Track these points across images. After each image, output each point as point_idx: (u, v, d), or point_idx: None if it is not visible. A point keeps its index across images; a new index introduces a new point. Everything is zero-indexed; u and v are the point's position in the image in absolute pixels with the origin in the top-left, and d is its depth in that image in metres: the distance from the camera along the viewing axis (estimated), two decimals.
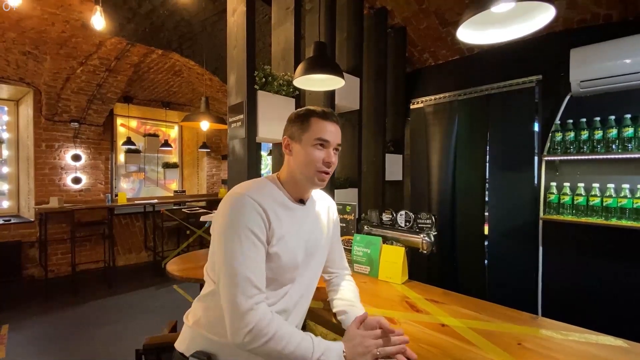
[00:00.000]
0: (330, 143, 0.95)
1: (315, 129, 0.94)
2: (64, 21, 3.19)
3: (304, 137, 0.95)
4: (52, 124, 4.54)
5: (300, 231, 0.97)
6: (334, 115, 0.99)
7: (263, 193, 0.91)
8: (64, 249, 4.61)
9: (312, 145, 0.94)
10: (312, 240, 1.02)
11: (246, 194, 0.88)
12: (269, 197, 0.92)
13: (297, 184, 0.98)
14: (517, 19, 0.92)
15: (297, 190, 0.99)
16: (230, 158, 2.01)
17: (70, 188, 4.80)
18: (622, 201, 2.11)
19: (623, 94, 2.22)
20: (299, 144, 0.96)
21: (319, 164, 0.94)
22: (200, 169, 6.80)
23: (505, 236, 2.77)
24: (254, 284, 0.82)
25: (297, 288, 0.98)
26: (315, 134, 0.94)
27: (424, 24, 3.10)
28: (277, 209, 0.92)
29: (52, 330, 3.08)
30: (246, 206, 0.86)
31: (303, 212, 1.01)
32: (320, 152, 0.94)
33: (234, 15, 1.94)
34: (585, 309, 2.36)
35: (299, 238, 0.97)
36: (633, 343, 0.94)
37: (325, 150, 0.95)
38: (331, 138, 0.95)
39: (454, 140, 3.17)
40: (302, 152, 0.95)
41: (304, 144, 0.95)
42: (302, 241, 0.97)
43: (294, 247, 0.94)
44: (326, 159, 0.94)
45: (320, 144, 0.94)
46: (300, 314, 1.03)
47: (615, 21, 2.34)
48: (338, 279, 1.20)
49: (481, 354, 0.90)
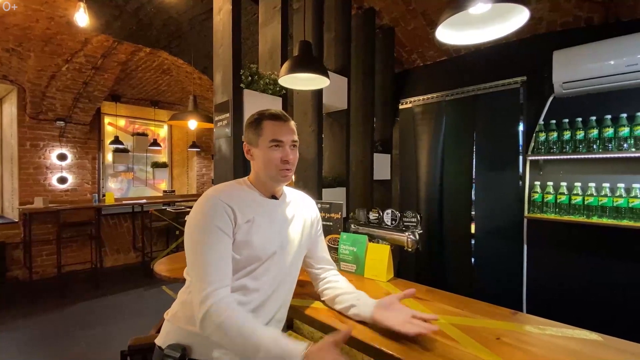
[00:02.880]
0: (285, 142, 1.01)
1: (268, 131, 1.00)
2: (48, 18, 3.13)
3: (259, 141, 1.01)
4: (37, 123, 4.45)
5: (273, 221, 1.04)
6: (285, 114, 1.05)
7: (232, 194, 0.99)
8: (50, 250, 4.52)
9: (269, 148, 1.00)
10: (288, 231, 1.08)
11: (216, 195, 0.95)
12: (237, 197, 0.99)
13: (264, 183, 1.05)
14: (494, 21, 0.94)
15: (266, 188, 1.06)
16: (216, 157, 2.00)
17: (56, 188, 4.71)
18: (603, 200, 2.16)
19: (604, 95, 2.27)
20: (256, 148, 1.02)
21: (278, 164, 1.00)
22: (190, 168, 6.74)
23: (491, 234, 2.82)
24: (215, 271, 0.87)
25: (274, 272, 1.02)
26: (269, 136, 1.00)
27: (411, 25, 3.13)
28: (246, 206, 0.99)
29: (37, 333, 3.02)
30: (215, 206, 0.93)
31: (276, 205, 1.07)
32: (277, 152, 1.00)
33: (220, 13, 1.93)
34: (568, 305, 2.41)
35: (272, 226, 1.03)
36: (608, 337, 0.96)
37: (282, 149, 1.00)
38: (285, 137, 1.01)
39: (441, 140, 3.20)
40: (261, 154, 1.01)
41: (261, 147, 1.01)
42: (275, 229, 1.03)
43: (266, 232, 1.00)
44: (283, 157, 1.00)
45: (276, 144, 1.00)
46: (280, 300, 1.05)
47: (596, 24, 2.40)
48: (328, 273, 1.23)
49: (461, 349, 0.91)
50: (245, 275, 0.97)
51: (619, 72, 2.09)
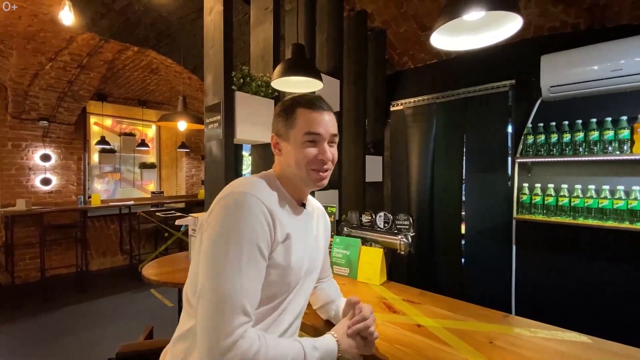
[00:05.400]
0: (323, 136, 0.81)
1: (303, 122, 0.81)
2: (31, 15, 3.04)
3: (291, 133, 0.82)
4: (19, 122, 4.32)
5: (305, 237, 0.87)
6: (324, 102, 0.85)
7: (269, 192, 0.79)
8: (32, 254, 4.39)
9: (302, 143, 0.81)
10: (315, 248, 0.91)
11: (251, 192, 0.74)
12: (274, 197, 0.79)
13: (294, 185, 0.86)
14: (487, 27, 0.95)
15: (296, 191, 0.87)
16: (207, 159, 1.97)
17: (39, 189, 4.58)
18: (588, 201, 2.21)
19: (590, 99, 2.33)
20: (287, 142, 0.83)
21: (312, 164, 0.81)
22: (179, 169, 6.64)
23: (481, 235, 2.85)
24: (245, 311, 0.67)
25: (298, 299, 0.86)
26: (304, 128, 0.81)
27: (403, 28, 3.15)
28: (283, 212, 0.80)
29: (20, 339, 2.92)
30: (252, 209, 0.71)
31: (305, 216, 0.90)
32: (312, 149, 0.81)
33: (211, 14, 1.91)
34: (555, 305, 2.46)
35: (305, 244, 0.86)
36: (596, 339, 0.99)
37: (318, 145, 0.82)
38: (323, 130, 0.81)
39: (432, 141, 3.23)
40: (292, 151, 0.82)
41: (292, 141, 0.82)
42: (307, 248, 0.86)
43: (300, 253, 0.82)
44: (320, 155, 0.81)
45: (311, 139, 0.81)
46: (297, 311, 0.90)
47: (582, 30, 2.45)
48: (325, 283, 1.15)
49: (454, 353, 0.92)
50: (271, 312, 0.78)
51: (604, 77, 2.14)
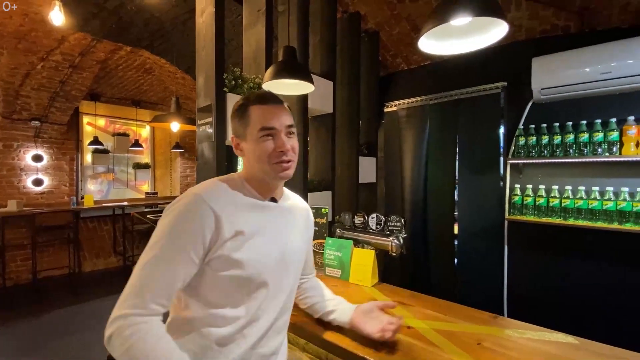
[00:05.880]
0: (277, 129, 0.83)
1: (256, 118, 0.83)
2: (22, 14, 3.01)
3: (247, 132, 0.84)
4: (10, 122, 4.27)
5: (273, 230, 0.87)
6: (274, 96, 0.88)
7: (226, 192, 0.82)
8: (24, 255, 4.34)
9: (259, 139, 0.82)
10: (289, 242, 0.91)
11: (200, 194, 0.78)
12: (231, 197, 0.82)
13: (260, 181, 0.87)
14: (475, 32, 0.96)
15: (264, 187, 0.88)
16: (199, 161, 1.97)
17: (31, 190, 4.53)
18: (579, 202, 2.24)
19: (580, 102, 2.35)
20: (245, 141, 0.85)
21: (273, 157, 0.82)
22: (173, 169, 6.61)
23: (473, 236, 2.87)
24: (143, 298, 0.72)
25: (276, 295, 0.87)
26: (258, 124, 0.82)
27: (396, 30, 3.16)
28: (237, 210, 0.81)
29: (12, 342, 2.89)
30: (191, 210, 0.76)
31: (276, 210, 0.91)
32: (269, 142, 0.82)
33: (203, 15, 1.90)
34: (546, 306, 2.49)
35: (272, 237, 0.87)
36: (583, 339, 1.00)
37: (276, 138, 0.83)
38: (277, 123, 0.83)
39: (425, 143, 3.25)
40: (252, 149, 0.84)
41: (250, 139, 0.84)
42: (276, 240, 0.87)
43: (265, 246, 0.84)
44: (278, 147, 0.82)
45: (267, 134, 0.82)
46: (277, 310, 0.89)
47: (573, 32, 2.48)
48: (308, 282, 1.17)
49: (442, 354, 0.92)
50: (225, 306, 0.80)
51: (594, 79, 2.16)
